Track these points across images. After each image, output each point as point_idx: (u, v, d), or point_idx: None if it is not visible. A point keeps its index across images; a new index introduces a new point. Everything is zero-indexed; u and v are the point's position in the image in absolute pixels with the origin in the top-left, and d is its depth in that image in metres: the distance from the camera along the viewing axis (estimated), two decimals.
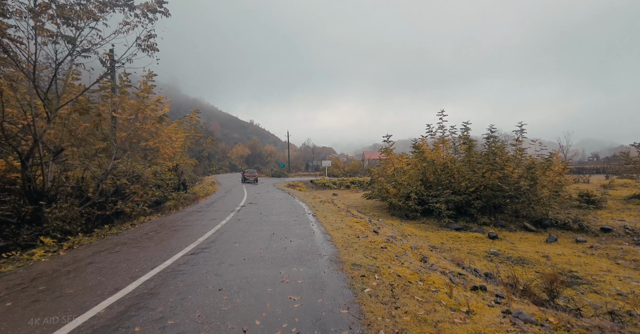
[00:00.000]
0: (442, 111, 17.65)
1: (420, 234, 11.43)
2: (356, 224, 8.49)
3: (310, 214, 9.93)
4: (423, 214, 15.51)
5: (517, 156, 15.25)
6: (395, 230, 11.37)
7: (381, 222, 12.50)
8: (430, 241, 10.52)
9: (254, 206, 12.13)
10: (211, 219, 8.77)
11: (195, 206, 12.34)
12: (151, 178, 13.69)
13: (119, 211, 10.54)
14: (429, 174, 17.30)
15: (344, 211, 11.97)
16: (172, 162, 18.29)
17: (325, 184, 35.37)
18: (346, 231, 7.28)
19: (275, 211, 10.61)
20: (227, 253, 5.12)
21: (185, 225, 7.91)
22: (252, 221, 8.46)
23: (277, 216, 9.31)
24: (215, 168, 61.97)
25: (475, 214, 13.90)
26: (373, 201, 20.82)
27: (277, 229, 7.27)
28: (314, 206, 12.34)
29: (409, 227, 12.81)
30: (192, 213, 10.25)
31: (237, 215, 9.57)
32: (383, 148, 18.40)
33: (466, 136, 15.16)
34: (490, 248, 9.67)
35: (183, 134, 17.95)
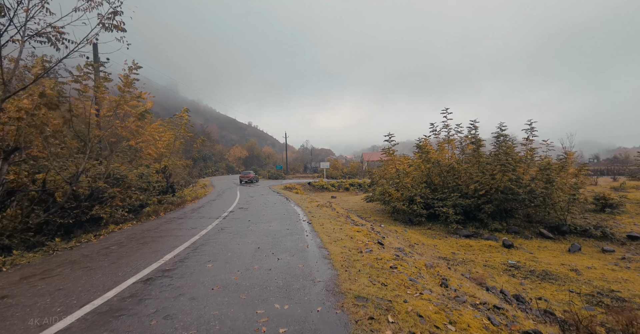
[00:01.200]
0: (446, 109, 16.60)
1: (428, 243, 10.32)
2: (357, 233, 7.37)
3: (306, 221, 8.81)
4: (428, 218, 14.43)
5: (528, 157, 14.21)
6: (401, 238, 10.26)
7: (384, 229, 11.38)
8: (440, 251, 9.41)
9: (244, 211, 10.99)
10: (191, 228, 7.63)
11: (179, 212, 11.20)
12: (134, 180, 12.59)
13: (95, 217, 9.47)
14: (433, 176, 16.23)
15: (343, 216, 10.86)
16: (160, 164, 17.19)
17: (324, 187, 34.26)
18: (346, 243, 6.16)
19: (266, 217, 9.48)
20: (193, 278, 3.99)
21: (159, 236, 6.77)
22: (237, 230, 7.33)
23: (267, 224, 8.18)
24: (212, 170, 60.72)
25: (486, 219, 12.81)
26: (374, 204, 19.72)
27: (265, 241, 6.14)
28: (310, 211, 11.23)
29: (414, 235, 11.70)
30: (172, 220, 9.11)
31: (221, 223, 8.44)
32: (385, 148, 17.32)
33: (475, 135, 14.08)
34: (508, 259, 8.57)
35: (171, 133, 16.83)
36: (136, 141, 12.59)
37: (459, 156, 16.02)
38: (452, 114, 16.71)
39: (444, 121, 16.68)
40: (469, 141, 15.41)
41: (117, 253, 5.30)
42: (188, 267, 4.44)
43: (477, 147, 13.85)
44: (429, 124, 17.10)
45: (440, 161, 15.63)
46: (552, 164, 12.09)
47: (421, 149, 16.27)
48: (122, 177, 11.87)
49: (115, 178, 11.77)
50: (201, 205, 13.37)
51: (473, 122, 15.56)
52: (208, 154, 66.29)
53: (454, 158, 16.13)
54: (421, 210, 14.09)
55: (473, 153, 14.89)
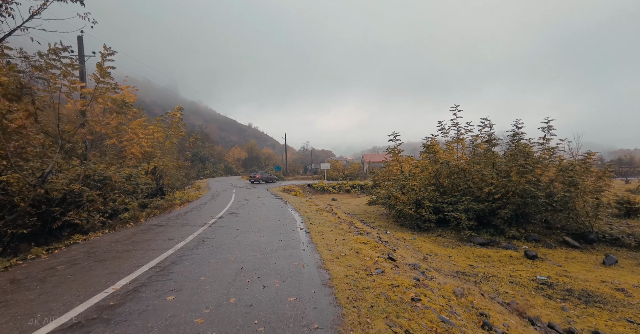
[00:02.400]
0: (456, 106, 15.47)
1: (442, 253, 9.16)
2: (364, 246, 6.23)
3: (303, 229, 7.67)
4: (437, 224, 13.28)
5: (546, 157, 13.07)
6: (411, 248, 9.11)
7: (391, 237, 10.23)
8: (457, 263, 8.26)
9: (235, 217, 9.86)
10: (167, 239, 6.49)
11: (163, 218, 10.06)
12: (120, 182, 11.50)
13: (72, 223, 8.43)
14: (442, 178, 15.08)
15: (345, 223, 9.71)
16: (149, 165, 16.09)
17: (324, 188, 33.14)
18: (351, 259, 5.03)
19: (258, 225, 8.35)
20: (139, 323, 2.85)
21: (125, 250, 5.63)
22: (220, 242, 6.19)
23: (258, 234, 7.04)
24: (210, 171, 59.63)
25: (502, 225, 11.65)
26: (377, 208, 18.58)
27: (251, 259, 5.01)
28: (309, 216, 10.09)
29: (425, 243, 10.55)
30: (150, 229, 7.97)
31: (205, 232, 7.30)
32: (389, 148, 16.19)
33: (489, 133, 12.92)
34: (536, 274, 7.41)
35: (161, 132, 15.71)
36: (119, 139, 11.48)
37: (469, 156, 14.89)
38: (462, 111, 15.62)
39: (453, 119, 15.56)
40: (481, 140, 14.29)
41: (59, 276, 4.15)
42: (140, 301, 3.29)
43: (491, 146, 12.72)
44: (437, 122, 15.98)
45: (449, 161, 14.49)
46: (576, 165, 10.95)
47: (429, 149, 15.13)
48: (105, 178, 10.83)
49: (98, 180, 10.74)
50: (190, 209, 12.23)
51: (484, 121, 14.45)
52: (206, 155, 65.24)
53: (464, 159, 14.99)
54: (430, 215, 12.94)
55: (485, 153, 13.77)
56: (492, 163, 12.74)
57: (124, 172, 13.93)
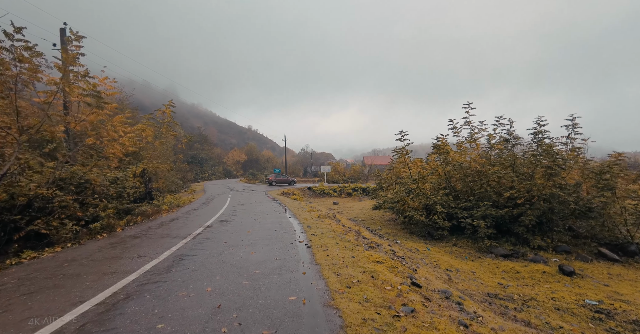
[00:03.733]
0: (469, 104, 14.29)
1: (464, 268, 7.92)
2: (379, 266, 4.99)
3: (304, 243, 6.44)
4: (450, 232, 12.05)
5: (570, 158, 11.86)
6: (428, 262, 7.88)
7: (403, 249, 9.00)
8: (484, 281, 7.01)
9: (226, 226, 8.62)
10: (137, 257, 5.25)
11: (144, 226, 8.83)
12: (101, 186, 10.33)
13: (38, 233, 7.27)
14: (455, 181, 13.87)
15: (352, 232, 8.47)
16: (137, 167, 14.89)
17: (325, 191, 31.91)
18: (367, 290, 3.81)
19: (251, 236, 7.11)
20: None
21: (76, 274, 4.40)
22: (200, 262, 4.96)
23: (249, 249, 5.81)
24: (208, 174, 58.39)
25: (524, 233, 10.41)
26: (382, 213, 17.35)
27: (235, 289, 3.79)
28: (310, 224, 8.86)
29: (441, 255, 9.31)
30: (122, 241, 6.74)
31: (185, 247, 6.06)
32: (396, 149, 14.98)
33: (510, 132, 11.68)
34: (584, 297, 6.17)
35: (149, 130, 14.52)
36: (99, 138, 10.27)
37: (484, 157, 13.69)
38: (475, 109, 14.45)
39: (465, 118, 14.37)
40: (496, 140, 13.09)
41: None
42: None
43: (512, 146, 11.50)
44: (448, 120, 14.80)
45: (463, 163, 13.28)
46: (612, 167, 9.73)
47: (439, 150, 13.92)
48: (86, 182, 9.67)
49: (78, 183, 9.59)
50: (177, 216, 10.99)
51: (499, 119, 13.26)
52: (205, 157, 64.06)
53: (478, 160, 13.79)
54: (443, 222, 11.70)
55: (500, 153, 12.55)
56: (511, 165, 11.52)
57: (110, 175, 12.77)
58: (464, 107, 14.42)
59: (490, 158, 12.70)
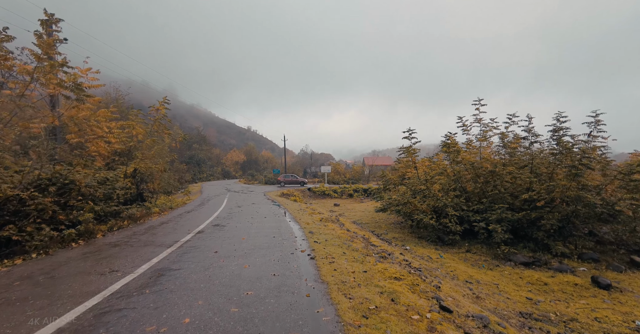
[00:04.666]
0: (479, 100, 13.50)
1: (484, 280, 7.07)
2: (397, 284, 4.15)
3: (306, 252, 5.59)
4: (462, 236, 11.21)
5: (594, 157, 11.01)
6: (443, 272, 7.03)
7: (416, 257, 8.15)
8: (510, 295, 6.16)
9: (219, 231, 7.77)
10: (108, 273, 4.40)
11: (128, 232, 7.97)
12: (87, 187, 9.54)
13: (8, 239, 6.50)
14: (465, 182, 13.03)
15: (359, 239, 7.62)
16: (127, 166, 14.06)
17: (325, 193, 31.06)
18: (390, 321, 2.96)
19: (246, 244, 6.26)
20: None
21: (20, 299, 3.54)
22: (182, 279, 4.10)
23: (242, 261, 4.96)
24: (206, 175, 57.51)
25: (545, 239, 9.56)
26: (386, 215, 16.50)
27: (220, 321, 2.94)
28: (312, 230, 8.00)
29: (456, 263, 8.46)
30: (98, 251, 5.88)
31: (169, 258, 5.21)
32: (402, 148, 14.13)
33: (529, 129, 10.82)
34: (632, 318, 5.33)
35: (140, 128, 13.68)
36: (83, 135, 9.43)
37: (496, 156, 12.85)
38: (486, 106, 13.63)
39: (475, 115, 13.56)
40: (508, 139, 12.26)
41: None
42: None
43: (531, 144, 10.67)
44: (457, 118, 13.99)
45: (474, 163, 12.45)
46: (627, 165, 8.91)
47: (449, 148, 13.08)
48: (71, 182, 8.87)
49: (62, 184, 8.81)
50: (168, 219, 10.14)
51: (511, 117, 12.43)
52: (203, 158, 63.20)
53: (491, 159, 12.97)
54: (455, 226, 10.86)
55: (511, 152, 11.70)
56: (529, 165, 10.69)
57: (99, 175, 11.93)
58: (474, 104, 13.62)
59: (504, 157, 11.85)
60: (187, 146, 63.59)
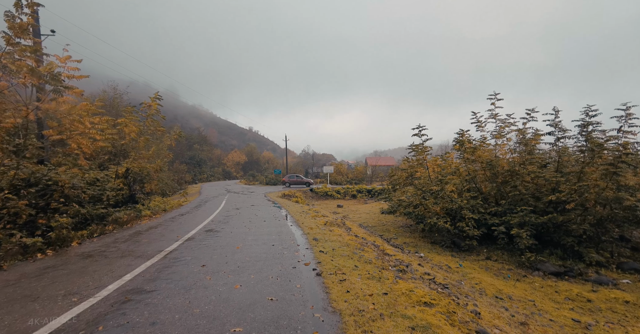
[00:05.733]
0: (495, 94, 12.57)
1: (517, 295, 6.11)
2: (429, 312, 3.21)
3: (311, 266, 4.67)
4: (479, 241, 10.26)
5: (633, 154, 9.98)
6: (467, 284, 6.08)
7: (434, 267, 7.21)
8: (553, 317, 5.21)
9: (211, 238, 6.85)
10: (62, 296, 3.50)
11: (109, 238, 7.07)
12: (70, 188, 8.71)
13: None
14: (481, 182, 12.07)
15: (370, 247, 6.69)
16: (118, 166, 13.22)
17: (328, 193, 30.14)
18: None
19: (240, 254, 5.35)
20: None
21: None
22: (151, 311, 3.19)
23: (233, 278, 4.05)
24: (207, 175, 56.71)
25: (575, 245, 8.59)
26: (393, 217, 15.56)
27: None
28: (317, 236, 7.07)
29: (479, 274, 7.50)
30: (64, 264, 4.98)
31: (145, 275, 4.30)
32: (412, 146, 13.19)
33: (556, 123, 9.82)
34: None
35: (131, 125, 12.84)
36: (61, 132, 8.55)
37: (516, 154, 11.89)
38: (502, 100, 12.70)
39: (490, 110, 12.63)
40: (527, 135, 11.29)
41: None
42: None
43: (557, 140, 9.69)
44: (471, 113, 13.05)
45: (491, 161, 11.49)
46: None
47: (463, 146, 12.13)
48: (54, 183, 8.06)
49: (45, 185, 8.01)
50: (158, 223, 9.24)
51: (529, 112, 11.47)
52: (204, 158, 62.46)
53: (506, 157, 12.03)
54: (473, 230, 9.90)
55: (529, 150, 10.72)
56: (556, 162, 9.73)
57: (89, 176, 11.08)
58: (489, 98, 12.70)
59: (525, 155, 10.88)
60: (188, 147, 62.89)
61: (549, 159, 11.48)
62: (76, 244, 6.35)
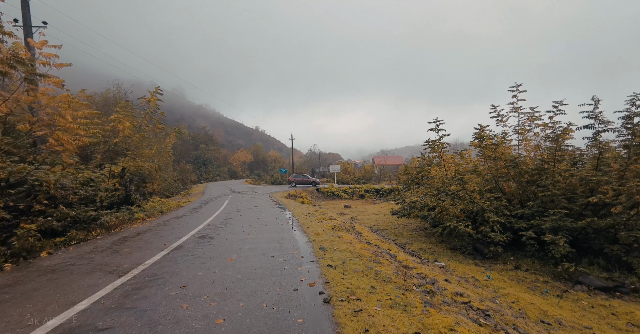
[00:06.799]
0: (517, 86, 11.45)
1: (565, 317, 5.06)
2: None
3: (317, 287, 3.72)
4: (504, 247, 9.19)
5: None
6: (501, 301, 5.05)
7: (459, 278, 6.18)
8: None
9: (202, 247, 5.95)
10: None
11: (87, 246, 6.22)
12: (56, 189, 7.97)
13: None
14: (504, 181, 10.96)
15: (386, 257, 5.71)
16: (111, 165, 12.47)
17: (335, 193, 29.18)
18: None
19: (232, 270, 4.43)
20: None
21: None
22: None
23: (216, 307, 3.12)
24: (212, 175, 56.24)
25: (622, 254, 7.45)
26: (405, 220, 14.52)
27: None
28: (324, 244, 6.11)
29: (512, 288, 6.45)
30: (17, 283, 4.12)
31: (104, 301, 3.40)
32: (428, 141, 12.11)
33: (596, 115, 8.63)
34: None
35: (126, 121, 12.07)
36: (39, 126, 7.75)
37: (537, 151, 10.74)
38: (524, 92, 11.56)
39: (512, 103, 11.50)
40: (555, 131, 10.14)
41: None
42: None
43: (597, 134, 8.54)
44: (490, 106, 11.94)
45: (516, 158, 10.39)
46: None
47: (483, 141, 11.02)
48: (37, 184, 7.32)
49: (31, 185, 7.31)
50: (149, 228, 8.40)
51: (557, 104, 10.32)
52: (210, 158, 62.04)
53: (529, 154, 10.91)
54: (498, 235, 8.83)
55: (556, 147, 9.56)
56: (595, 159, 8.59)
57: (82, 175, 10.35)
58: (510, 90, 11.55)
59: (554, 151, 9.73)
60: (194, 146, 62.58)
61: (578, 156, 10.34)
62: (46, 254, 5.51)
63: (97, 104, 21.27)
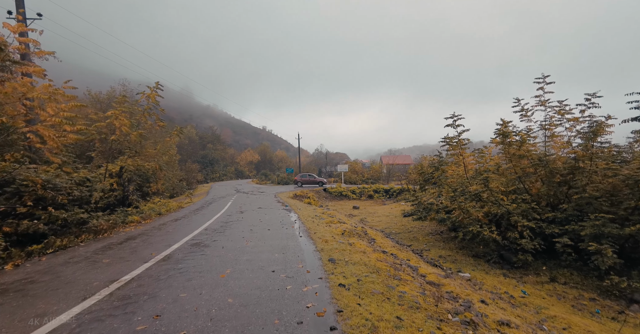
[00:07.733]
0: (544, 77, 10.42)
1: None
2: None
3: (327, 321, 2.85)
4: (534, 255, 8.20)
5: None
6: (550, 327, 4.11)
7: (493, 296, 5.24)
8: None
9: (193, 258, 5.14)
10: None
11: (65, 255, 5.48)
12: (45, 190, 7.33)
13: None
14: (531, 182, 9.91)
15: (406, 271, 4.83)
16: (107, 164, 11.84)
17: (343, 193, 28.29)
18: None
19: (222, 292, 3.61)
20: None
21: None
22: None
23: None
24: (219, 175, 55.87)
25: None
26: (419, 223, 13.55)
27: None
28: (333, 255, 5.25)
29: (557, 308, 5.50)
30: None
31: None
32: (446, 138, 11.12)
33: None
34: None
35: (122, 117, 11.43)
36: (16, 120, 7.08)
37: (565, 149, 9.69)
38: (551, 84, 10.52)
39: (538, 96, 10.49)
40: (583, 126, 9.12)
41: None
42: None
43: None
44: (513, 100, 10.93)
45: (546, 156, 9.36)
46: None
47: (506, 138, 10.00)
48: (25, 185, 6.67)
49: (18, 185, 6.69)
50: (141, 232, 7.66)
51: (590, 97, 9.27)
52: (216, 157, 61.79)
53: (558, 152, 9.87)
54: (529, 242, 7.84)
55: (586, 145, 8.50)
56: None
57: (78, 175, 9.69)
58: (536, 82, 10.51)
59: (591, 148, 8.66)
60: (201, 146, 62.45)
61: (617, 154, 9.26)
62: (12, 266, 4.76)
63: (102, 103, 20.82)
